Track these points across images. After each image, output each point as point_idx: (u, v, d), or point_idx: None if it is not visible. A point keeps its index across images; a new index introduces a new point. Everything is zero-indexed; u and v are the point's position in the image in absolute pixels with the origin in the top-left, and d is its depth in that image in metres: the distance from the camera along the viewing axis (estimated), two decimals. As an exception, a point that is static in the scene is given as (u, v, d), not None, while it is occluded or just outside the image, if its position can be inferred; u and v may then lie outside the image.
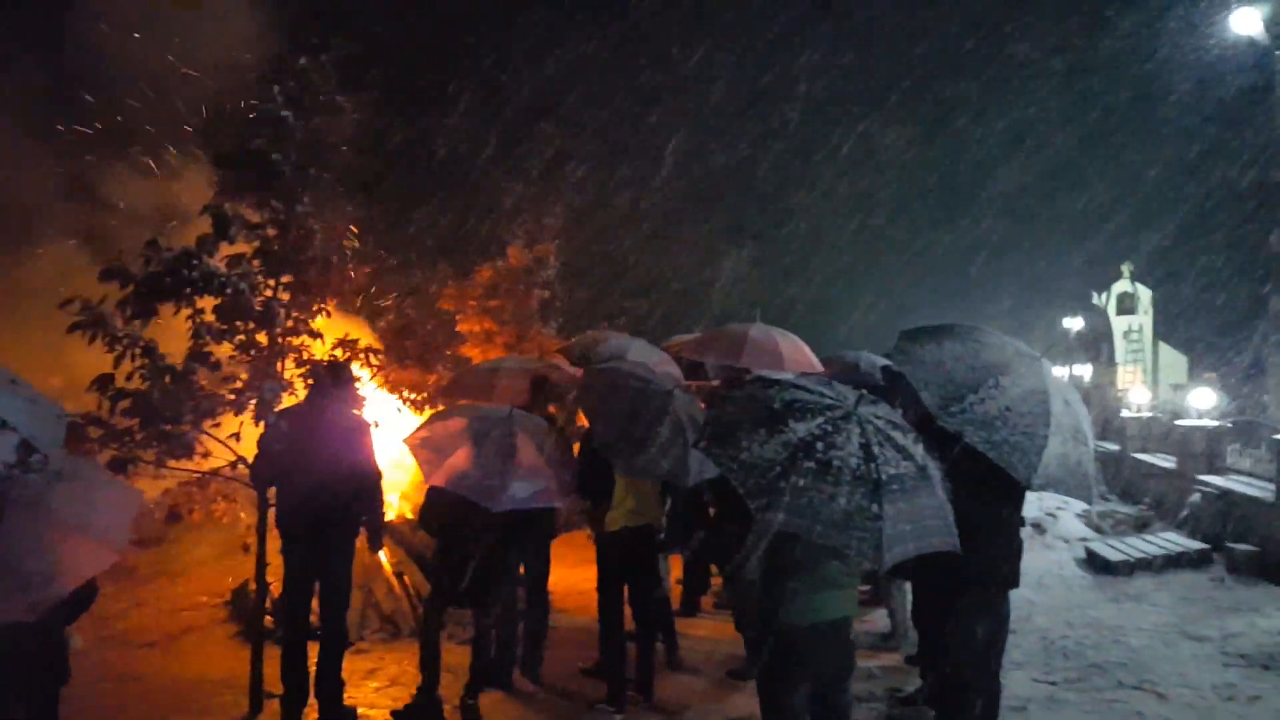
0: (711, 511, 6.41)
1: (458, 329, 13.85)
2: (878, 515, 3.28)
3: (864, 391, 3.86)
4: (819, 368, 7.58)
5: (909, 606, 6.75)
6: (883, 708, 5.84)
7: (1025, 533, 11.33)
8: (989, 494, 4.22)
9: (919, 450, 3.66)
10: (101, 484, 4.16)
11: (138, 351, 5.36)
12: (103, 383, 5.31)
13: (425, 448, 5.35)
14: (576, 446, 6.21)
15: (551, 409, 6.91)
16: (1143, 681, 6.32)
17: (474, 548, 5.58)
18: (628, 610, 5.92)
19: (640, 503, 5.72)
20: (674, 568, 7.69)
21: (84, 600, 3.94)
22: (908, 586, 6.79)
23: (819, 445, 3.42)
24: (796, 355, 7.70)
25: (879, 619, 7.59)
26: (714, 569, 7.43)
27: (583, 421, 6.79)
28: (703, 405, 6.18)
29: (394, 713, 5.72)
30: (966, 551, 3.59)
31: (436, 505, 5.69)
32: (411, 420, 8.05)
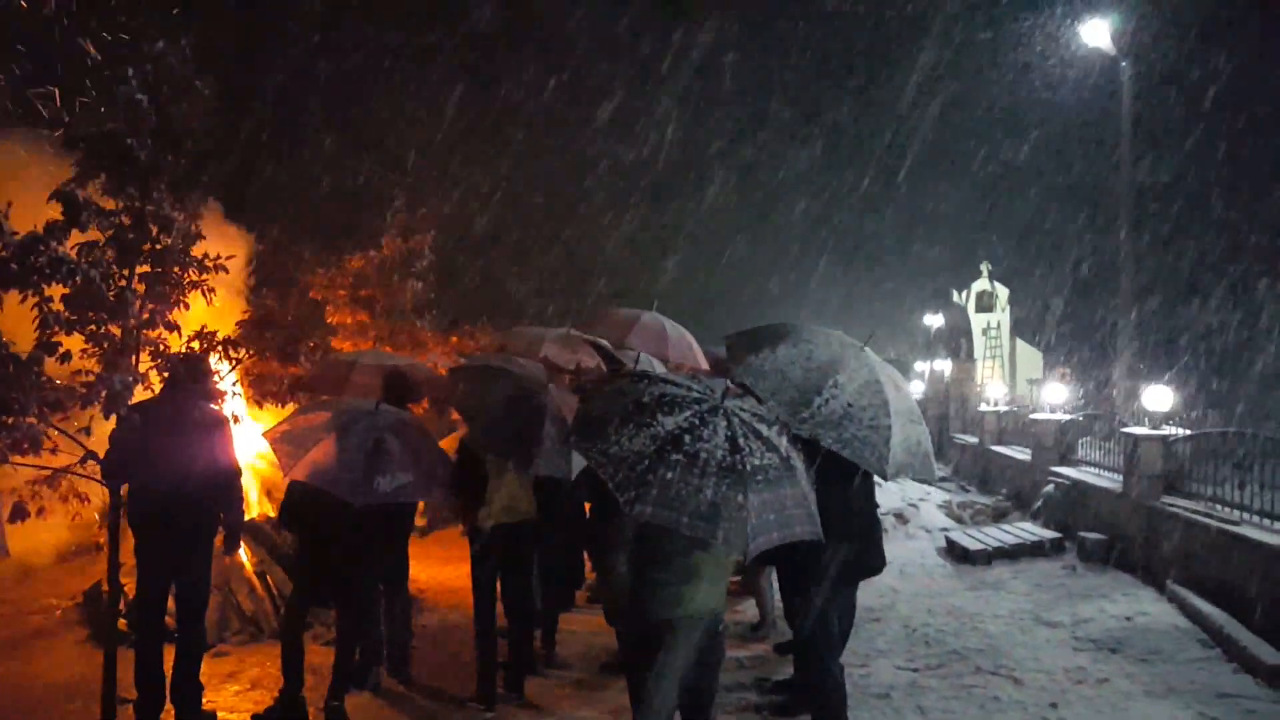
0: (586, 506, 6.47)
1: (327, 320, 13.45)
2: (743, 505, 3.34)
3: (730, 384, 3.95)
4: (703, 363, 7.76)
5: (776, 597, 6.98)
6: (752, 697, 6.00)
7: (888, 522, 11.91)
8: (841, 486, 4.41)
9: (783, 442, 3.75)
10: None
11: (-23, 340, 5.01)
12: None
13: (285, 441, 5.23)
14: (446, 442, 6.16)
15: (412, 407, 6.82)
16: (999, 667, 6.66)
17: (335, 545, 5.48)
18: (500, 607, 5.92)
19: (513, 499, 5.73)
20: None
21: None
22: (775, 577, 7.02)
23: (687, 438, 3.47)
24: (681, 345, 7.89)
25: (748, 609, 7.80)
26: (588, 563, 7.49)
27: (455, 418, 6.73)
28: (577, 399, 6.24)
29: (255, 716, 5.57)
30: (826, 541, 3.73)
31: (297, 501, 5.57)
32: (272, 414, 7.81)
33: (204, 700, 5.60)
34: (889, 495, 13.01)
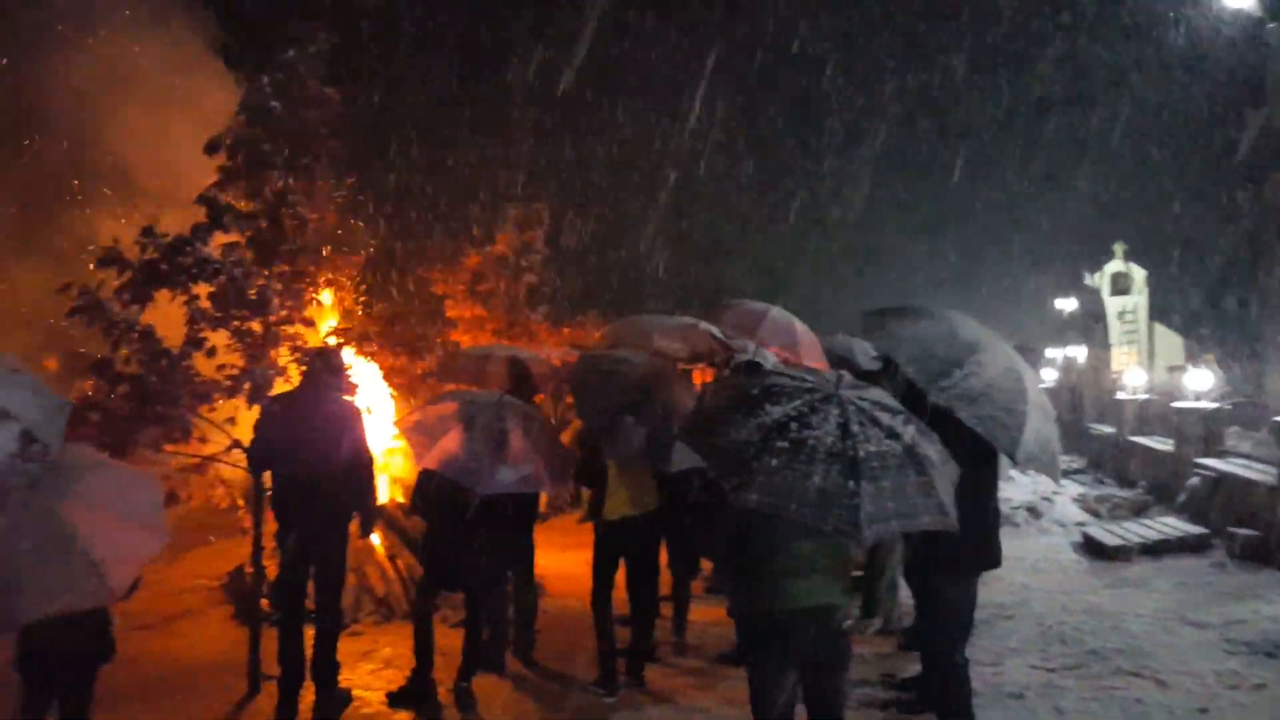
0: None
1: (447, 315, 13.87)
2: (855, 492, 3.26)
3: (843, 374, 3.86)
4: (823, 362, 7.60)
5: (903, 590, 6.81)
6: (877, 692, 5.88)
7: (1020, 516, 11.45)
8: (966, 474, 4.27)
9: (909, 430, 3.61)
10: (119, 470, 4.31)
11: (134, 336, 5.39)
12: (101, 367, 5.35)
13: (416, 431, 5.42)
14: (565, 435, 6.25)
15: (537, 398, 6.94)
16: (1142, 668, 6.32)
17: (462, 531, 5.63)
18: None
19: (637, 491, 5.76)
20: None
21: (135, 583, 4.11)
22: (899, 571, 6.85)
23: (793, 425, 3.41)
24: (809, 342, 7.72)
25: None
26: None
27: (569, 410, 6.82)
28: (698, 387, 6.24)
29: (389, 695, 5.79)
30: (949, 535, 3.60)
31: (426, 489, 5.75)
32: (402, 406, 8.08)
33: (340, 678, 5.84)
34: (1020, 488, 12.53)
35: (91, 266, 5.49)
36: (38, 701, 4.22)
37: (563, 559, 9.22)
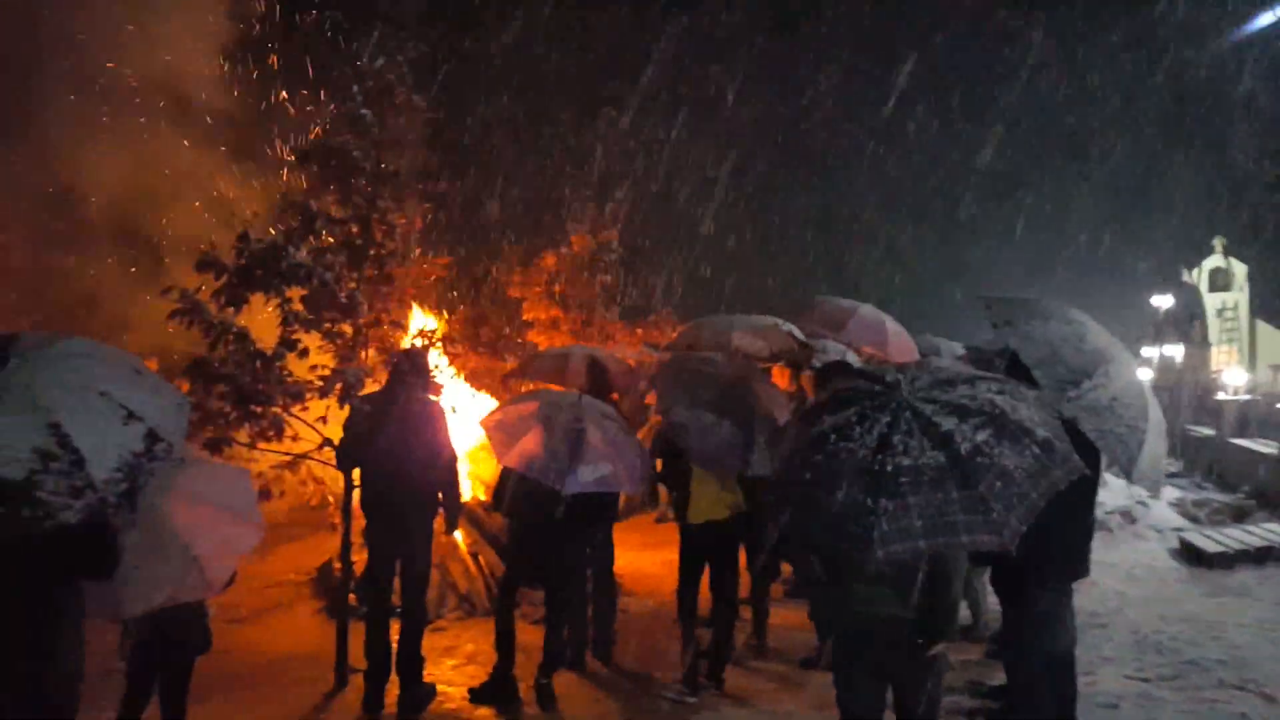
0: None
1: (524, 316, 14.04)
2: (871, 510, 3.07)
3: (927, 368, 3.68)
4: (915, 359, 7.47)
5: (992, 597, 6.66)
6: (965, 701, 5.76)
7: (1114, 521, 11.05)
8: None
9: (978, 436, 3.28)
10: (216, 467, 4.50)
11: (230, 338, 5.61)
12: (198, 367, 5.59)
13: (498, 430, 5.51)
14: (642, 433, 6.25)
15: (614, 396, 6.97)
16: (1246, 680, 6.04)
17: (542, 529, 5.67)
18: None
19: (720, 495, 5.73)
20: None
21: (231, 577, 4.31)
22: (987, 577, 6.69)
23: (833, 437, 3.27)
24: (900, 341, 7.57)
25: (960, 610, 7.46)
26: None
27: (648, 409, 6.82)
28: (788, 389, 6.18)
29: (471, 691, 5.89)
30: (1037, 544, 3.47)
31: (508, 487, 5.82)
32: (484, 405, 8.21)
33: (424, 673, 5.94)
34: (1114, 493, 12.09)
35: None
36: (139, 689, 4.42)
37: (639, 558, 9.24)
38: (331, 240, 5.94)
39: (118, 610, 3.93)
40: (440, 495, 5.98)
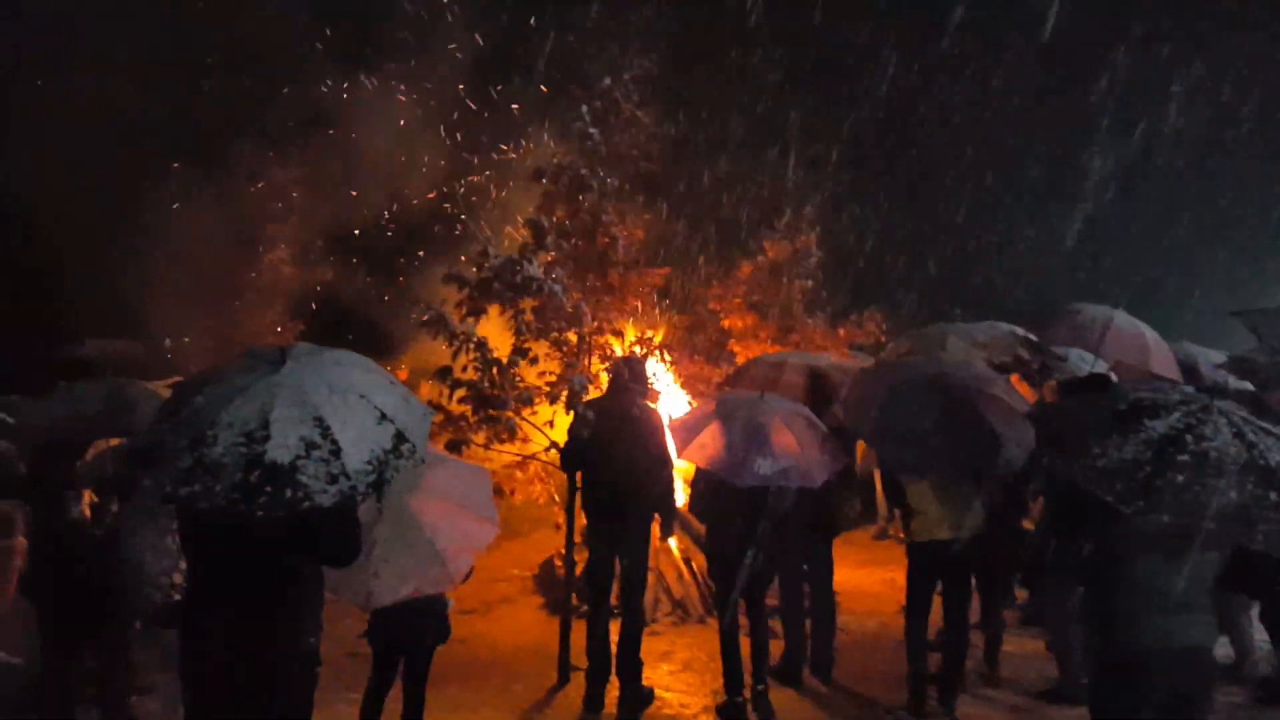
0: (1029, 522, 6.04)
1: (722, 325, 13.98)
2: (1277, 504, 3.04)
3: (1215, 383, 3.54)
4: (1176, 372, 6.86)
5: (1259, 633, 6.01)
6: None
7: None
8: None
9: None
10: (458, 466, 4.80)
11: (471, 347, 6.01)
12: (443, 374, 6.05)
13: (680, 428, 5.60)
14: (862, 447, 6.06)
15: (837, 408, 6.79)
16: None
17: (735, 531, 5.60)
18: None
19: (950, 512, 5.47)
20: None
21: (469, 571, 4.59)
22: (1254, 611, 6.04)
23: (1188, 438, 3.20)
24: (1161, 353, 7.01)
25: (1220, 646, 6.73)
26: (1017, 581, 6.97)
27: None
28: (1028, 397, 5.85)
29: (718, 708, 5.84)
30: None
31: (700, 489, 5.83)
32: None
33: (642, 677, 6.08)
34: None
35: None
36: (384, 673, 4.76)
37: (857, 575, 9.02)
38: (560, 255, 6.24)
39: (369, 600, 4.25)
40: (657, 499, 6.10)
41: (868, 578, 8.99)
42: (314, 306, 13.36)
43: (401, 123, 12.04)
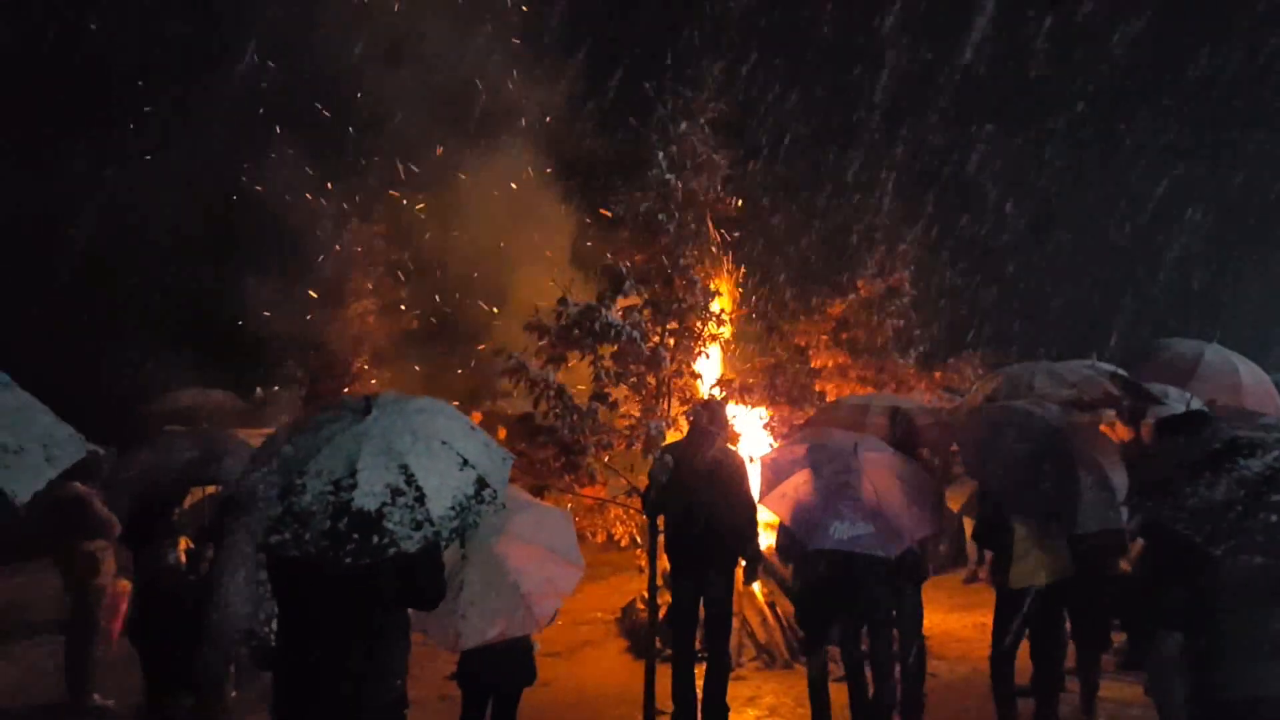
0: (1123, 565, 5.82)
1: (811, 364, 13.80)
2: None
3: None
4: (1276, 408, 6.57)
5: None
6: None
7: None
8: None
9: None
10: (542, 510, 4.86)
11: (551, 393, 6.10)
12: (525, 420, 6.13)
13: (769, 469, 5.43)
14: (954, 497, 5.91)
15: (923, 452, 6.63)
16: None
17: (820, 579, 5.49)
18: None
19: (1048, 556, 5.34)
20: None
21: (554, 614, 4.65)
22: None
23: None
24: (1256, 388, 6.74)
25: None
26: (1114, 624, 6.69)
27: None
28: (1121, 439, 5.66)
29: None
30: None
31: (783, 541, 5.73)
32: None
33: (729, 720, 6.00)
34: None
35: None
36: (472, 716, 4.81)
37: (947, 620, 8.76)
38: (638, 299, 6.31)
39: (457, 642, 4.32)
40: (740, 543, 6.05)
41: (958, 622, 8.72)
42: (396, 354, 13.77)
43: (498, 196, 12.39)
